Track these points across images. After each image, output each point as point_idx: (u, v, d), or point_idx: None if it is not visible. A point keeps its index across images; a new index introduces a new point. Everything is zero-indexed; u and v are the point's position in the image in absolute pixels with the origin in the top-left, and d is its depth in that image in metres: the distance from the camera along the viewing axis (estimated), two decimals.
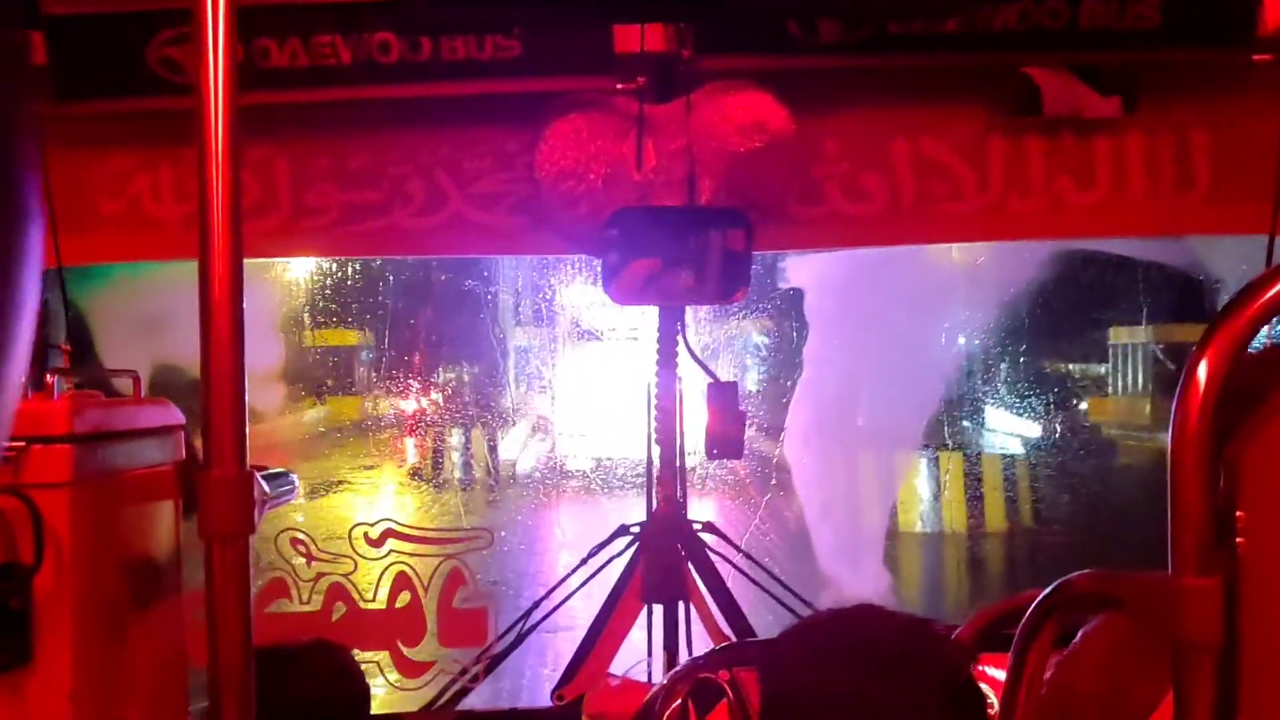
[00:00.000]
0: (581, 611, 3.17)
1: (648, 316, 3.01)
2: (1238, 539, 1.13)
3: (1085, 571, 1.38)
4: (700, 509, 3.07)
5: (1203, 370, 1.11)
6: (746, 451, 2.92)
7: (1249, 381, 1.13)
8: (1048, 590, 1.45)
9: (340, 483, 15.30)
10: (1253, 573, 1.12)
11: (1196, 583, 1.12)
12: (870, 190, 2.86)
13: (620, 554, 3.02)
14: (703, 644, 2.90)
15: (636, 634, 3.00)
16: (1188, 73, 2.78)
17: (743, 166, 2.68)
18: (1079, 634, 1.58)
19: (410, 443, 18.38)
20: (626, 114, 2.72)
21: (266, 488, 1.53)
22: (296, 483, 1.93)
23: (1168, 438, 1.13)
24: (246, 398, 1.38)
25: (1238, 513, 1.13)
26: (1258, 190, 2.75)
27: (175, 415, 1.61)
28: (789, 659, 1.45)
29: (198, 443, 1.49)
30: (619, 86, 2.73)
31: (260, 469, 1.52)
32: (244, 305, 1.37)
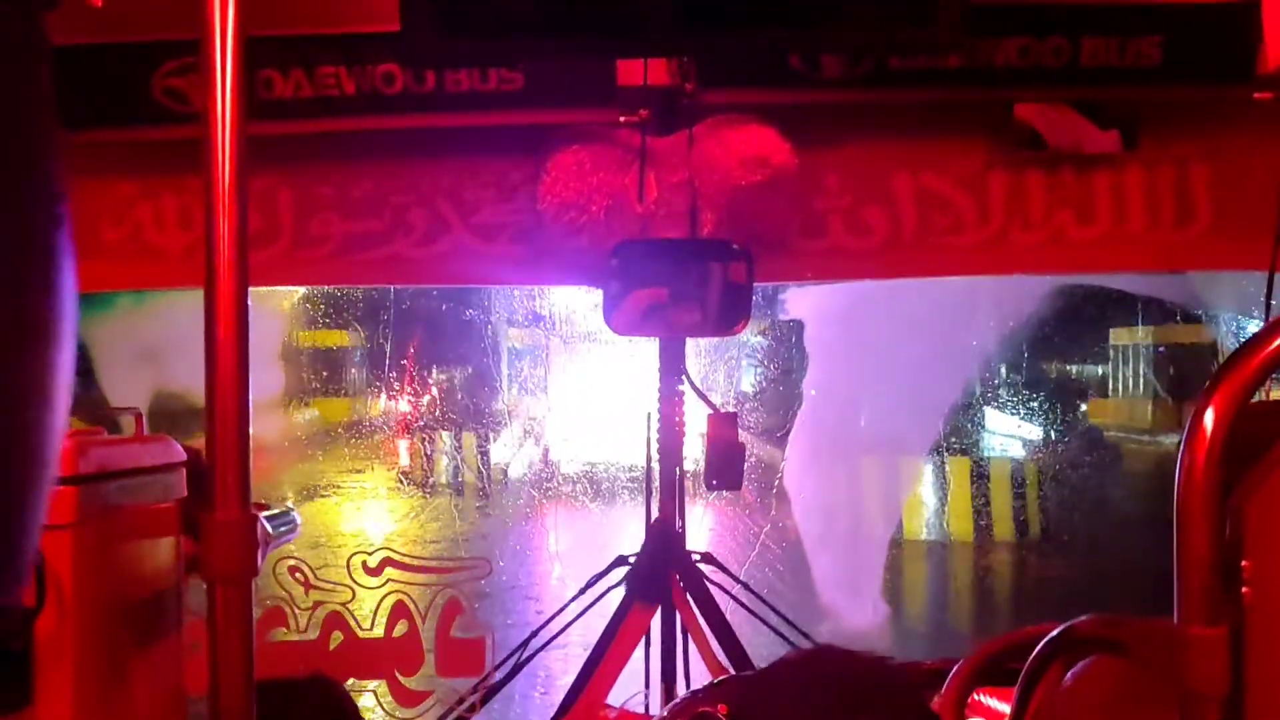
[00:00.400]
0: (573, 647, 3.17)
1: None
2: (1244, 588, 1.12)
3: (1091, 616, 1.38)
4: (698, 539, 3.06)
5: (1209, 418, 1.11)
6: (745, 483, 2.91)
7: (1255, 430, 1.13)
8: (1053, 634, 1.45)
9: (328, 487, 15.20)
10: (1259, 622, 1.12)
11: (1202, 632, 1.12)
12: (871, 223, 2.88)
13: (618, 584, 3.01)
14: (700, 676, 2.88)
15: (634, 666, 2.98)
16: (1188, 109, 2.79)
17: (744, 199, 2.70)
18: (1068, 675, 1.58)
19: (400, 446, 18.28)
20: (629, 146, 2.74)
21: (269, 528, 1.52)
22: (298, 520, 1.93)
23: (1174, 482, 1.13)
24: (251, 439, 1.37)
25: (1244, 562, 1.13)
26: (1258, 226, 2.75)
27: (177, 452, 1.61)
28: (755, 698, 1.46)
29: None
30: (622, 119, 2.75)
31: (262, 508, 1.51)
32: (249, 341, 1.37)
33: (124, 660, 1.48)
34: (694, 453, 2.94)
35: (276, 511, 1.66)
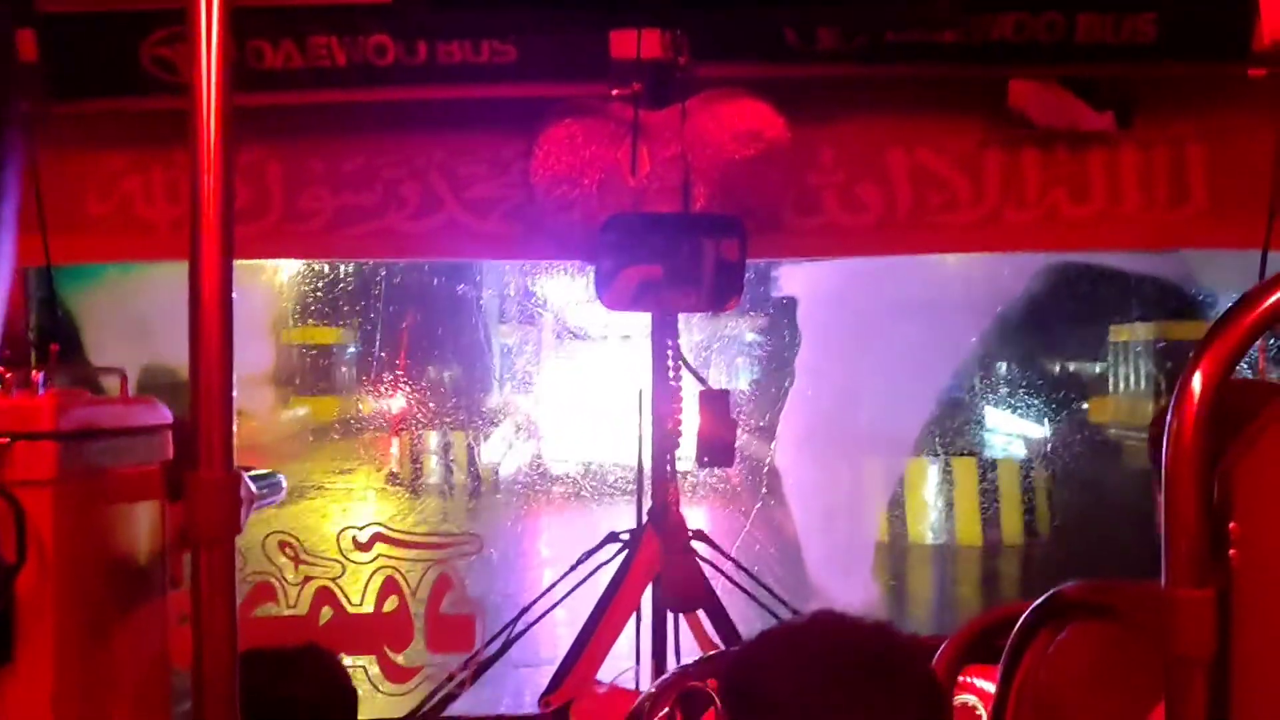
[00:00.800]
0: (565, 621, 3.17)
1: (640, 320, 3.01)
2: (1231, 551, 1.13)
3: (1078, 582, 1.38)
4: (690, 517, 3.06)
5: (1197, 383, 1.12)
6: (738, 459, 2.92)
7: (1239, 404, 1.14)
8: (1040, 600, 1.45)
9: (315, 487, 14.99)
10: (1246, 585, 1.13)
11: (1190, 594, 1.13)
12: (866, 200, 2.87)
13: (609, 561, 3.02)
14: (691, 652, 2.89)
15: (624, 641, 2.99)
16: (1183, 87, 2.79)
17: (738, 174, 2.69)
18: (1055, 641, 1.58)
19: (389, 444, 17.96)
20: (622, 120, 2.72)
21: (254, 488, 1.52)
22: (283, 483, 1.92)
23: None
24: (235, 399, 1.37)
25: (1231, 525, 1.13)
26: (1252, 205, 2.75)
27: (163, 414, 1.60)
28: (751, 663, 1.45)
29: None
30: (614, 93, 2.73)
31: (246, 469, 1.51)
32: (232, 304, 1.36)
33: (106, 623, 1.48)
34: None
35: (261, 472, 1.66)
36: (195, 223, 1.33)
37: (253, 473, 1.57)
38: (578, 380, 17.02)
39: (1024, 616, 1.47)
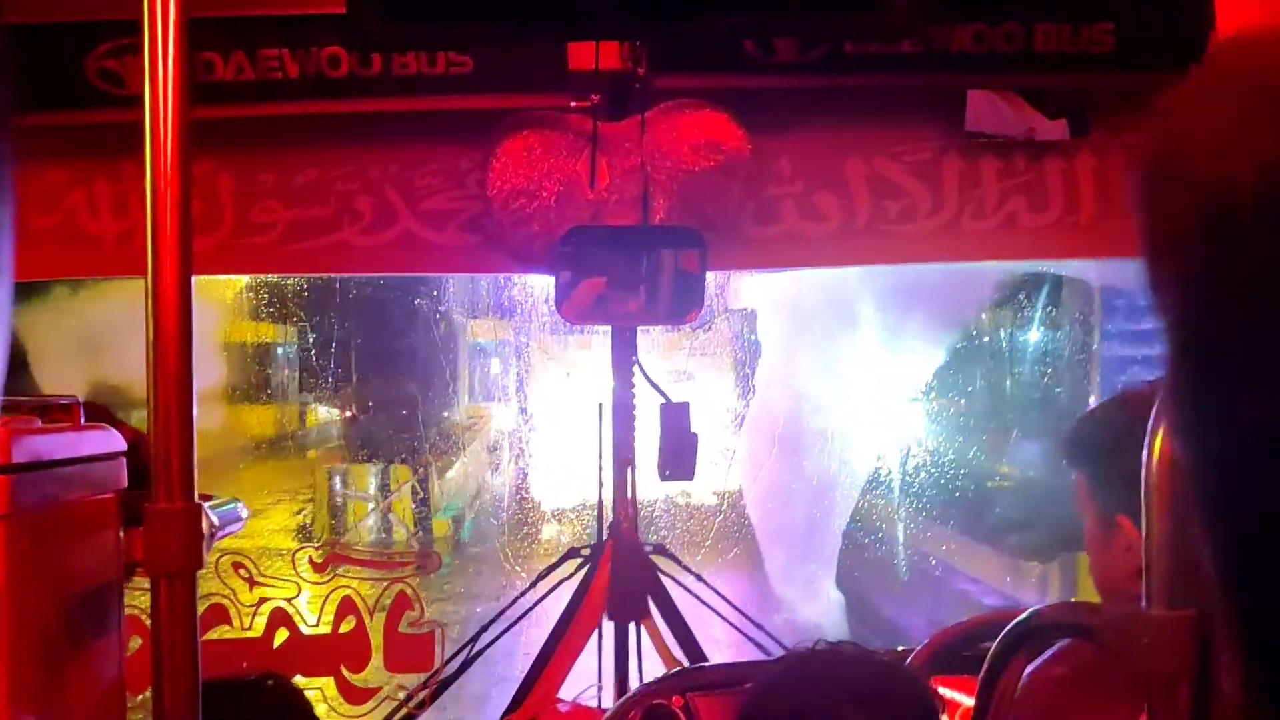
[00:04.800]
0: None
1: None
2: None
3: (1057, 602, 1.39)
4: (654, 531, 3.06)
5: None
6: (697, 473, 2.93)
7: None
8: (1018, 619, 1.45)
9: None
10: None
11: (1171, 615, 1.13)
12: (824, 210, 2.89)
13: (570, 577, 3.02)
14: (654, 668, 2.90)
15: (586, 659, 2.99)
16: (1140, 96, 2.82)
17: (697, 185, 2.70)
18: (1033, 663, 1.59)
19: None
20: (580, 132, 2.73)
21: (215, 519, 1.50)
22: (243, 513, 1.90)
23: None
24: (195, 427, 1.35)
25: None
26: None
27: (117, 441, 1.57)
28: (771, 689, 1.46)
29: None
30: (573, 104, 2.74)
31: (207, 499, 1.49)
32: (192, 326, 1.35)
33: (61, 654, 1.44)
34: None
35: (221, 501, 1.63)
36: (154, 240, 1.31)
37: (213, 502, 1.55)
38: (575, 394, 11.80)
39: (1000, 637, 1.47)
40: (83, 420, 1.49)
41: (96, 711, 1.52)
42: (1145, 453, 1.14)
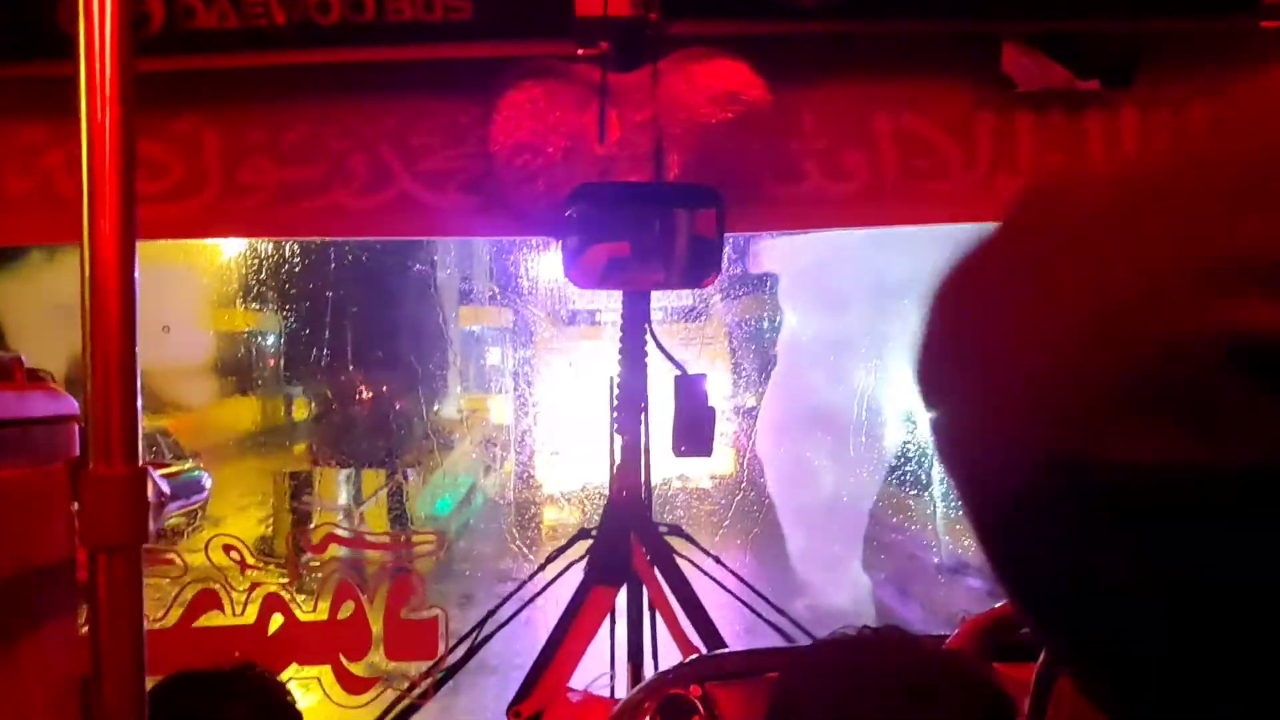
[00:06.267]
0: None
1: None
2: None
3: None
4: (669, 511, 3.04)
5: None
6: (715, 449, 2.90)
7: None
8: None
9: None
10: None
11: None
12: (850, 168, 2.85)
13: (580, 560, 3.00)
14: (670, 656, 2.89)
15: (599, 645, 2.98)
16: (1186, 42, 2.78)
17: (714, 140, 2.66)
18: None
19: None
20: (588, 82, 2.68)
21: (166, 488, 1.44)
22: (206, 482, 1.85)
23: None
24: (139, 383, 1.29)
25: None
26: None
27: (67, 404, 1.51)
28: (808, 678, 1.42)
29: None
30: (580, 52, 2.69)
31: (159, 465, 1.44)
32: (136, 280, 1.31)
33: (11, 636, 1.41)
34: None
35: (176, 469, 1.59)
36: (90, 198, 1.29)
37: (167, 469, 1.50)
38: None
39: None
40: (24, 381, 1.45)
41: (52, 692, 1.48)
42: None
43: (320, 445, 11.80)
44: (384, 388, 11.82)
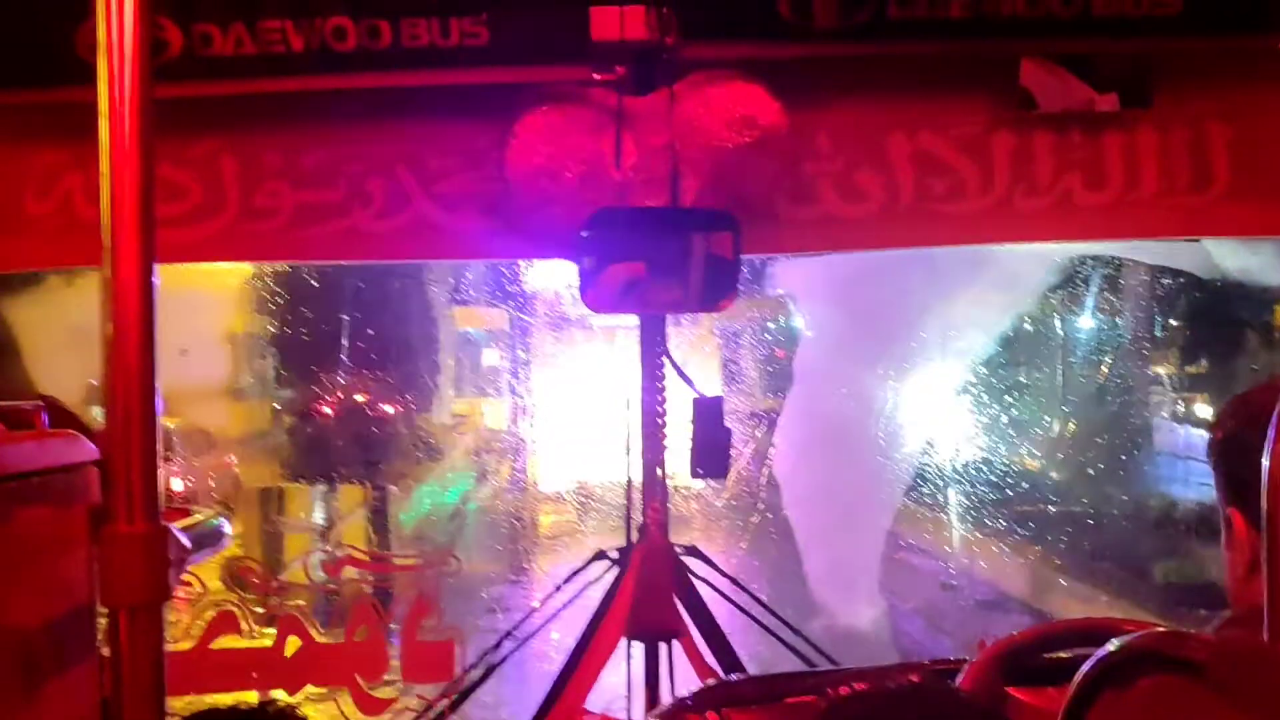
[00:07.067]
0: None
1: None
2: None
3: (1151, 630, 1.29)
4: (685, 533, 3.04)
5: None
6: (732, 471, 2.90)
7: None
8: (1106, 650, 1.36)
9: None
10: None
11: None
12: (866, 189, 2.85)
13: (597, 580, 2.99)
14: (687, 680, 2.87)
15: (615, 669, 2.97)
16: (1205, 62, 2.77)
17: (730, 164, 2.66)
18: (1124, 697, 1.48)
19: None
20: (604, 107, 2.69)
21: (186, 541, 1.41)
22: (225, 529, 1.82)
23: None
24: (159, 437, 1.27)
25: None
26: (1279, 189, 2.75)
27: (87, 450, 1.49)
28: None
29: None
30: (596, 77, 2.70)
31: (180, 515, 1.43)
32: (155, 311, 1.29)
33: (31, 686, 1.38)
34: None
35: (195, 521, 1.56)
36: (111, 232, 1.27)
37: (186, 521, 1.48)
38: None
39: (1085, 668, 1.36)
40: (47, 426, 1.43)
41: None
42: (1267, 459, 1.06)
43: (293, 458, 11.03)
44: (373, 394, 11.24)
